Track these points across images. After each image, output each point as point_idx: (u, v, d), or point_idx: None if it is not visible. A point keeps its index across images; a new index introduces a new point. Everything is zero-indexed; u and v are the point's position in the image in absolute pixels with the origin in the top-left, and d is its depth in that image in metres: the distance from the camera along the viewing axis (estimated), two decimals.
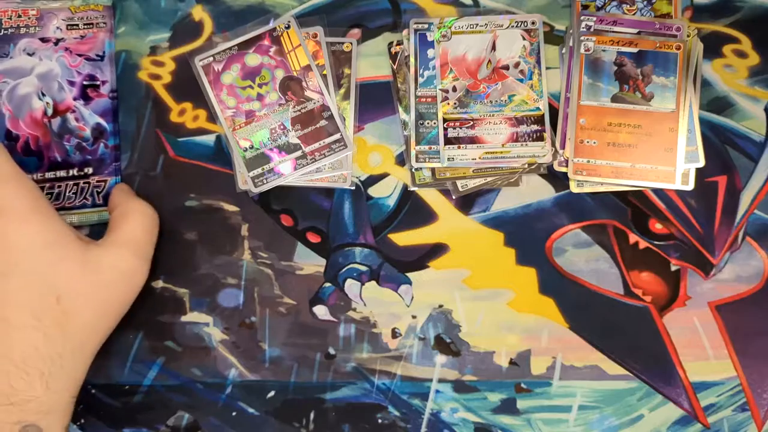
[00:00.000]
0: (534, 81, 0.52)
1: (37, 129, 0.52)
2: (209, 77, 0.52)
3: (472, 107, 0.52)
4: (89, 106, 0.53)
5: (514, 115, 0.52)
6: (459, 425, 0.51)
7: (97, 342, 0.47)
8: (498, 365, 0.51)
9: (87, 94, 0.53)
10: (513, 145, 0.52)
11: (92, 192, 0.52)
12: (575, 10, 0.53)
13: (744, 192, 0.52)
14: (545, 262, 0.52)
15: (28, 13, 0.53)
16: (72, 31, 0.53)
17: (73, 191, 0.52)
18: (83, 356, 0.46)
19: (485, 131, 0.52)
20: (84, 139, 0.52)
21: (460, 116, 0.52)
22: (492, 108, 0.52)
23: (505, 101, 0.52)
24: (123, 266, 0.47)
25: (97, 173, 0.52)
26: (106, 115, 0.53)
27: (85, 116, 0.53)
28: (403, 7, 0.54)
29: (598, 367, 0.51)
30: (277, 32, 0.53)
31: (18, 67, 0.53)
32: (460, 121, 0.52)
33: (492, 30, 0.52)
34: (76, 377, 0.45)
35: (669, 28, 0.52)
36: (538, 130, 0.52)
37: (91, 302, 0.45)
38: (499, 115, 0.52)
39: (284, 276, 0.52)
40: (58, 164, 0.52)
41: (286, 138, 0.52)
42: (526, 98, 0.52)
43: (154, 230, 0.50)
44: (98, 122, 0.52)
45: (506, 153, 0.52)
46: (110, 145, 0.53)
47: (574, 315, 0.51)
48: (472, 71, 0.52)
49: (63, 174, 0.52)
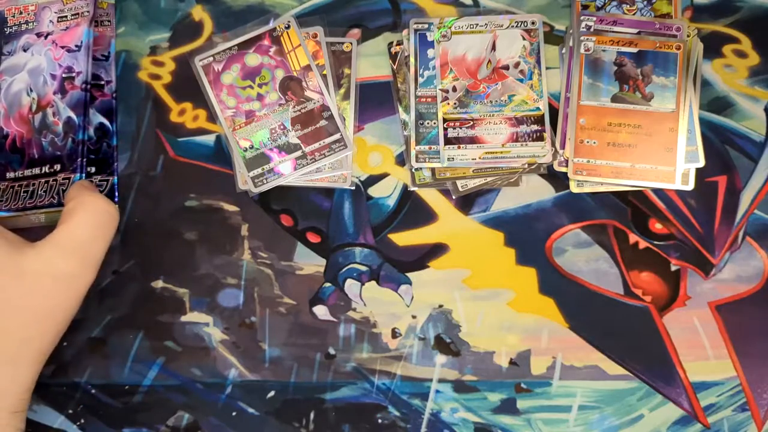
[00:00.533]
0: (534, 81, 0.52)
1: (23, 126, 0.52)
2: (209, 77, 0.52)
3: (472, 107, 0.52)
4: (64, 99, 0.52)
5: (514, 115, 0.52)
6: (459, 425, 0.51)
7: (36, 352, 0.43)
8: (498, 365, 0.51)
9: (64, 87, 0.52)
10: (513, 145, 0.52)
11: (59, 190, 0.50)
12: (575, 10, 0.53)
13: (744, 192, 0.52)
14: (545, 262, 0.52)
15: (28, 9, 0.53)
16: (61, 23, 0.53)
17: (44, 189, 0.50)
18: (16, 369, 0.42)
19: (485, 131, 0.52)
20: (56, 134, 0.51)
21: (460, 116, 0.52)
22: (492, 108, 0.52)
23: (505, 101, 0.52)
24: (57, 271, 0.43)
25: (64, 170, 0.51)
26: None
27: (59, 110, 0.51)
28: (403, 7, 0.54)
29: (598, 367, 0.51)
30: (277, 32, 0.53)
31: (15, 64, 0.52)
32: (460, 121, 0.52)
33: (492, 30, 0.52)
34: (10, 391, 0.42)
35: (669, 28, 0.52)
36: (538, 130, 0.52)
37: (17, 312, 0.42)
38: (499, 115, 0.52)
39: (284, 276, 0.52)
40: (35, 161, 0.51)
41: (286, 138, 0.52)
42: (526, 98, 0.52)
43: (105, 228, 0.45)
44: (70, 116, 0.51)
45: (506, 153, 0.51)
46: (78, 140, 0.51)
47: (574, 315, 0.51)
48: (472, 71, 0.52)
49: (38, 171, 0.51)
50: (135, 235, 0.52)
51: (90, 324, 0.51)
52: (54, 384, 0.51)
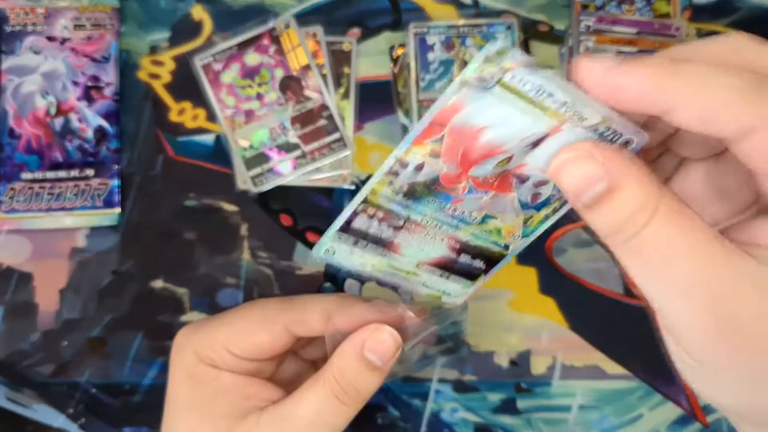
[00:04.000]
0: (538, 217, 0.33)
1: (39, 128, 0.52)
2: (209, 77, 0.52)
3: (419, 205, 0.32)
4: (92, 107, 0.53)
5: (466, 240, 0.34)
6: (459, 425, 0.51)
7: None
8: (498, 365, 0.51)
9: (90, 95, 0.53)
10: (428, 270, 0.35)
11: (93, 194, 0.52)
12: (575, 10, 0.53)
13: None
14: (545, 262, 0.52)
15: (36, 11, 0.53)
16: (79, 31, 0.53)
17: (74, 192, 0.52)
18: None
19: (409, 241, 0.34)
20: (86, 140, 0.52)
21: (392, 209, 0.32)
22: (447, 219, 0.33)
23: (473, 219, 0.33)
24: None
25: (99, 176, 0.52)
26: (109, 118, 0.53)
27: (87, 118, 0.52)
28: (403, 6, 0.54)
29: (598, 367, 0.51)
30: (276, 32, 0.53)
31: (24, 65, 0.53)
32: (385, 214, 0.32)
33: (563, 117, 0.27)
34: None
35: (668, 28, 0.52)
36: (478, 269, 0.36)
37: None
38: (448, 232, 0.33)
39: (284, 276, 0.52)
40: (59, 164, 0.52)
41: (286, 137, 0.52)
42: (504, 229, 0.33)
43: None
44: (101, 124, 0.52)
45: (412, 275, 0.36)
46: (112, 148, 0.52)
47: (574, 315, 0.51)
48: (470, 159, 0.30)
49: (64, 175, 0.52)
50: (134, 235, 0.52)
51: (90, 324, 0.51)
52: (54, 384, 0.51)
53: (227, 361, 0.40)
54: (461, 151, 0.29)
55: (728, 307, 0.26)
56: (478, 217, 0.33)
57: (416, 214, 0.32)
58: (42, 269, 0.52)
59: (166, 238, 0.52)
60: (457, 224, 0.33)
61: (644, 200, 0.27)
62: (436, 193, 0.31)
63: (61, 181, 0.52)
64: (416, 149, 0.29)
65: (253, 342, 0.40)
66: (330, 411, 0.38)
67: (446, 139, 0.29)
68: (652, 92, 0.26)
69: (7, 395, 0.51)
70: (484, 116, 0.28)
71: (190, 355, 0.41)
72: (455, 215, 0.32)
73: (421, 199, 0.32)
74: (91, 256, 0.52)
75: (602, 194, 0.27)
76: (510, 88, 0.26)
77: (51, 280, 0.52)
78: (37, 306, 0.51)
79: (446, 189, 0.31)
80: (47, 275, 0.52)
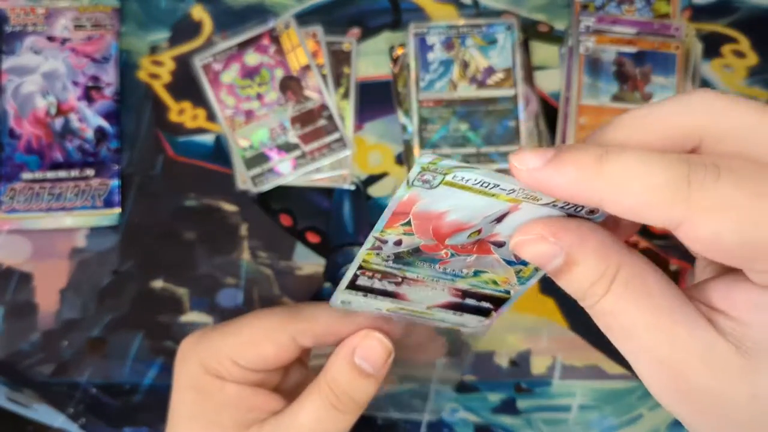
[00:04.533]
0: (528, 269, 0.33)
1: (39, 128, 0.52)
2: (209, 77, 0.52)
3: (412, 267, 0.33)
4: (92, 107, 0.53)
5: (468, 288, 0.35)
6: (459, 425, 0.51)
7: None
8: (498, 365, 0.51)
9: (90, 95, 0.53)
10: (440, 311, 0.37)
11: (93, 194, 0.52)
12: (575, 10, 0.53)
13: None
14: None
15: (36, 11, 0.53)
16: (79, 31, 0.53)
17: (74, 192, 0.52)
18: None
19: (413, 292, 0.35)
20: (86, 140, 0.52)
21: (388, 270, 0.34)
22: (441, 275, 0.34)
23: (466, 274, 0.34)
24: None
25: (99, 176, 0.52)
26: (109, 118, 0.53)
27: (87, 118, 0.52)
28: (403, 6, 0.54)
29: (598, 367, 0.51)
30: (276, 32, 0.53)
31: (24, 65, 0.53)
32: (383, 274, 0.34)
33: (517, 199, 0.28)
34: None
35: (668, 28, 0.52)
36: (487, 309, 0.36)
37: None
38: (446, 284, 0.35)
39: (284, 276, 0.52)
40: (59, 164, 0.52)
41: (286, 137, 0.52)
42: (500, 279, 0.34)
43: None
44: (101, 124, 0.52)
45: (427, 315, 0.37)
46: (112, 148, 0.52)
47: (574, 315, 0.51)
48: (442, 234, 0.31)
49: (64, 175, 0.52)
50: (134, 235, 0.52)
51: (90, 324, 0.51)
52: (54, 383, 0.51)
53: (233, 373, 0.40)
54: (431, 228, 0.30)
55: (687, 381, 0.28)
56: (470, 272, 0.33)
57: (411, 273, 0.34)
58: (42, 269, 0.52)
59: (166, 238, 0.52)
60: (452, 278, 0.34)
61: (601, 272, 0.28)
62: (423, 258, 0.32)
63: (61, 181, 0.52)
64: (390, 231, 0.31)
65: (259, 353, 0.40)
66: (327, 419, 0.39)
67: (413, 221, 0.30)
68: (580, 191, 0.26)
69: (8, 395, 0.51)
70: (442, 204, 0.29)
71: (195, 365, 0.41)
72: (447, 272, 0.34)
73: (411, 262, 0.33)
74: (91, 256, 0.52)
75: (561, 267, 0.28)
76: (455, 185, 0.27)
77: (51, 280, 0.52)
78: (37, 306, 0.51)
79: (429, 255, 0.32)
80: (47, 275, 0.52)
